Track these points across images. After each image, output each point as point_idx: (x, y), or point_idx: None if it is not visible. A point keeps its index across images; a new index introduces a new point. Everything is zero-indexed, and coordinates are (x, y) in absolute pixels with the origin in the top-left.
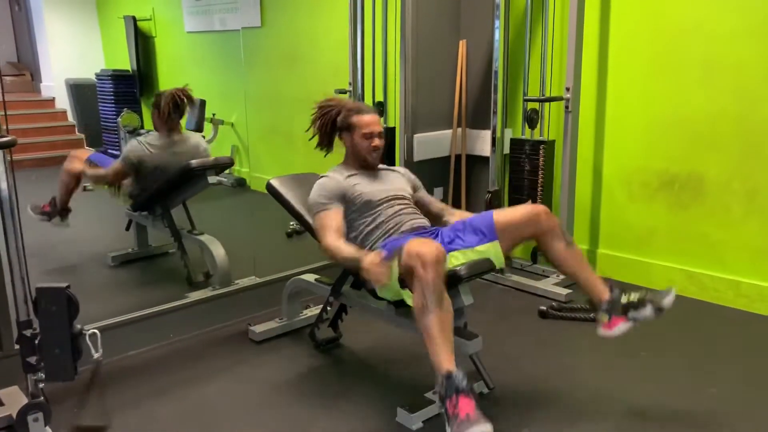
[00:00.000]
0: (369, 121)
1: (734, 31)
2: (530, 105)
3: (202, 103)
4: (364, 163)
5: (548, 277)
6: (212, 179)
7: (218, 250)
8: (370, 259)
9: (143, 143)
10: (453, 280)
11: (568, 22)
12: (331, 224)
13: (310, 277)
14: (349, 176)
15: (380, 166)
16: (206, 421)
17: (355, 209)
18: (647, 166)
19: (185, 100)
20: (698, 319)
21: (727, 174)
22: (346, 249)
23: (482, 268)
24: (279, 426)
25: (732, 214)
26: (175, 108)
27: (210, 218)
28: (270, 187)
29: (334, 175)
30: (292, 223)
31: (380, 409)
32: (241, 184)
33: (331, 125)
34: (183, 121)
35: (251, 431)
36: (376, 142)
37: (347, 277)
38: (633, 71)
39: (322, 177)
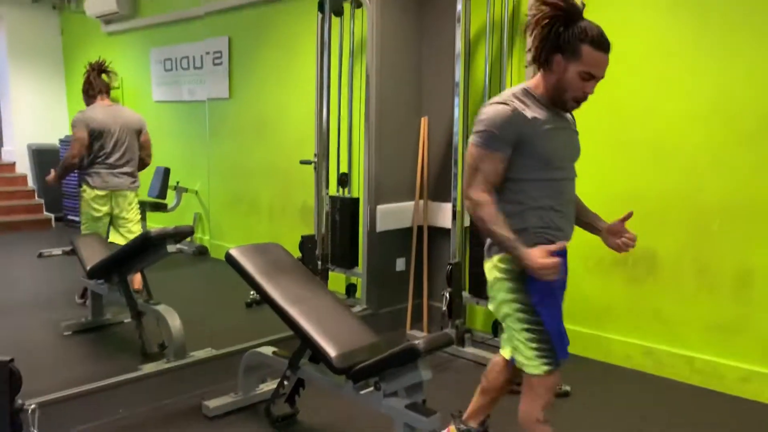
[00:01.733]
0: (600, 60)
1: (682, 115)
2: None
3: (166, 171)
4: (560, 105)
5: None
6: (172, 247)
7: (174, 321)
8: (541, 262)
9: (85, 113)
10: (411, 355)
11: None
12: (489, 171)
13: (268, 350)
14: (534, 116)
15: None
16: None
17: (522, 165)
18: (602, 243)
19: (104, 64)
20: (657, 395)
21: (677, 251)
22: (501, 223)
23: (441, 343)
24: None
25: (684, 289)
26: (99, 73)
27: (168, 287)
28: (229, 257)
29: (517, 106)
30: (252, 292)
31: None
32: (202, 252)
33: (555, 36)
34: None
35: None
36: (590, 90)
37: (305, 350)
38: (588, 151)
39: (495, 102)
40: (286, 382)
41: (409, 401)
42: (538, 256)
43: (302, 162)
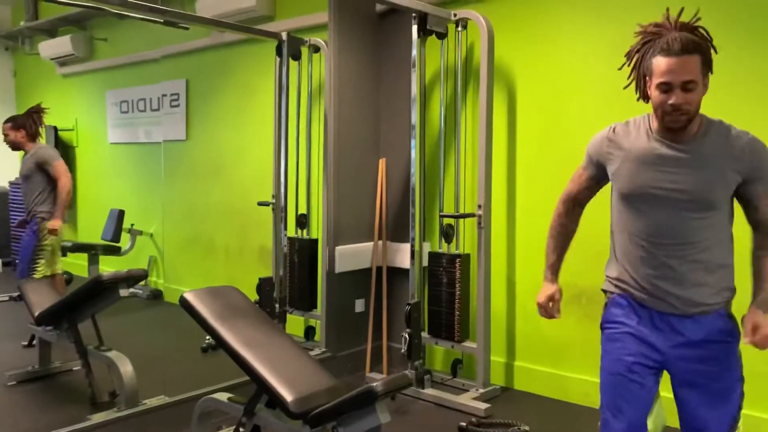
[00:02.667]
0: (669, 65)
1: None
2: (446, 220)
3: (120, 213)
4: (665, 129)
5: (468, 391)
6: (125, 292)
7: (126, 368)
8: (538, 299)
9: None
10: (368, 398)
11: (478, 142)
12: (573, 185)
13: (223, 396)
14: (629, 145)
15: (707, 131)
16: None
17: (613, 194)
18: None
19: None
20: None
21: None
22: (553, 238)
23: (399, 384)
24: None
25: None
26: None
27: (121, 333)
28: (183, 302)
29: (617, 129)
30: (207, 337)
31: None
32: (156, 296)
33: (641, 64)
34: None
35: None
36: (677, 97)
37: (261, 395)
38: (539, 189)
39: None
40: (241, 429)
41: None
42: (542, 292)
43: (260, 203)
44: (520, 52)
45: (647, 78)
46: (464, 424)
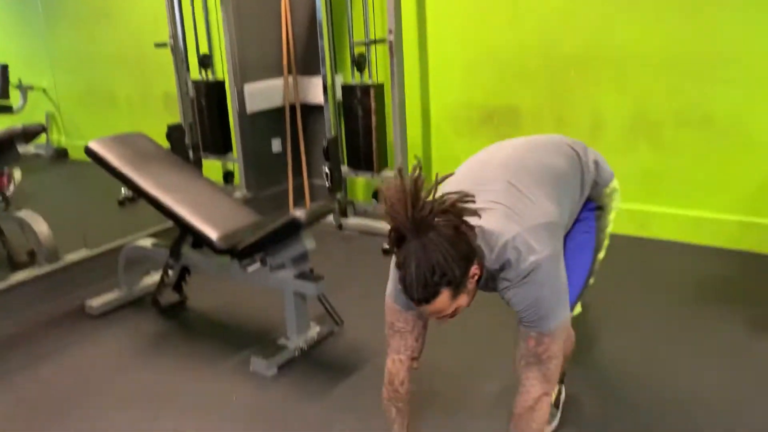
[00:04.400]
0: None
1: None
2: (357, 49)
3: (3, 67)
4: None
5: None
6: (24, 149)
7: (40, 226)
8: None
9: None
10: (293, 227)
11: None
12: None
13: (147, 242)
14: None
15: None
16: (49, 406)
17: None
18: (469, 103)
19: None
20: None
21: (537, 105)
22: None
23: (322, 212)
24: (129, 393)
25: None
26: None
27: (29, 195)
28: (89, 151)
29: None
30: (124, 189)
31: (234, 363)
32: (61, 154)
33: None
34: None
35: (99, 404)
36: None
37: (186, 237)
38: (450, 13)
39: None
40: (170, 271)
41: (297, 271)
42: None
43: (157, 45)
44: None
45: None
46: (387, 246)
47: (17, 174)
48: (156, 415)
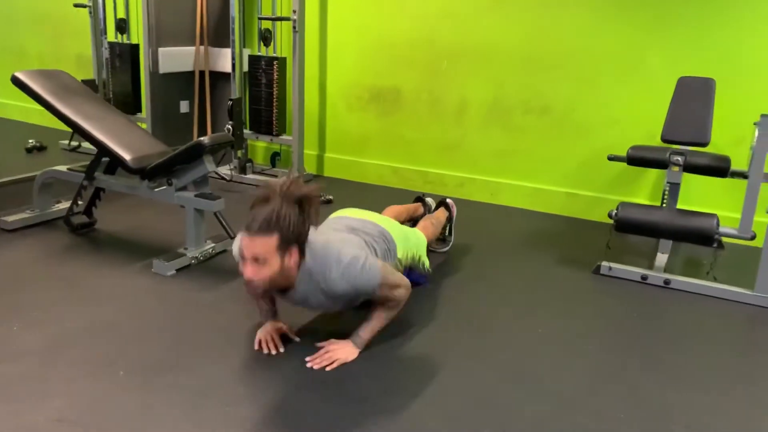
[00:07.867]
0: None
1: None
2: (264, 24)
3: None
4: None
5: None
6: None
7: None
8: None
9: None
10: (197, 150)
11: None
12: None
13: (62, 168)
14: None
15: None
16: None
17: None
18: (361, 82)
19: None
20: (400, 200)
21: (417, 87)
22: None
23: (223, 139)
24: (35, 297)
25: (421, 118)
26: None
27: None
28: (16, 80)
29: None
30: (31, 140)
31: (138, 267)
32: None
33: None
34: None
35: (21, 290)
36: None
37: (100, 160)
38: (349, 2)
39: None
40: (83, 191)
41: (198, 191)
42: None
43: (76, 5)
44: None
45: None
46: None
47: None
48: (68, 297)
